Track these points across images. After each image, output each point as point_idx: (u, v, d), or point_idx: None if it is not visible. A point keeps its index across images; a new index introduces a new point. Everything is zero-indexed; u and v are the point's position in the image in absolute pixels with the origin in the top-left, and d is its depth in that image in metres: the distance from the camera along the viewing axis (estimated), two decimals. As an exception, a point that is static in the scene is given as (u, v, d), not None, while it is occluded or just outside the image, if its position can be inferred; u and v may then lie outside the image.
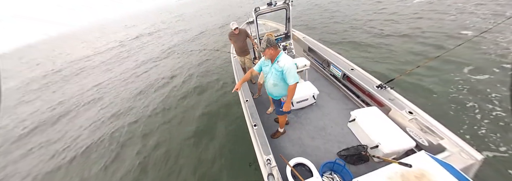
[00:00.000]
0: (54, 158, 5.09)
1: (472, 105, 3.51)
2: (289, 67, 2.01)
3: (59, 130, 6.41)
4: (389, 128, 2.29)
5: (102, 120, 6.12)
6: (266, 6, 3.53)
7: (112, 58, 13.93)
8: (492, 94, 3.61)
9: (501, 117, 3.19)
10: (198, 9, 32.84)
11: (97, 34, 36.80)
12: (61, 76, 13.29)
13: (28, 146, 5.97)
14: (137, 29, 26.20)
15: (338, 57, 3.52)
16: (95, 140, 5.25)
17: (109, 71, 11.16)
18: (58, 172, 4.54)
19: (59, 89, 10.61)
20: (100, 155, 4.63)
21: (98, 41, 25.91)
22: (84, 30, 57.17)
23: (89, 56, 17.02)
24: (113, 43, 20.15)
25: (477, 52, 4.82)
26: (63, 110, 7.75)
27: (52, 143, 5.79)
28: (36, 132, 6.75)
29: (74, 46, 29.70)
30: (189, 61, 8.85)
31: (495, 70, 4.12)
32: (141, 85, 7.80)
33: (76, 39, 40.34)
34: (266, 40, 1.98)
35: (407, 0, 9.79)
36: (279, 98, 2.44)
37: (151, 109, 5.82)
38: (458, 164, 1.68)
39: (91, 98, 8.02)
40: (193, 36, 13.66)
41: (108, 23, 55.44)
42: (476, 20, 6.29)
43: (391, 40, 6.36)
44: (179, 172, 3.50)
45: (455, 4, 7.94)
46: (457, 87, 3.94)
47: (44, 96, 10.17)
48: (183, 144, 4.12)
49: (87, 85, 9.80)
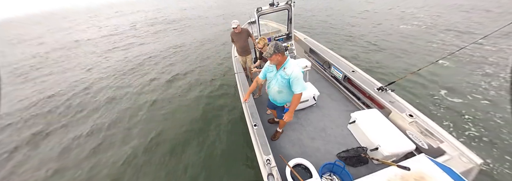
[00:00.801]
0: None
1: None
2: (296, 76, 1.93)
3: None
4: (389, 131, 2.30)
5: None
6: (268, 6, 3.54)
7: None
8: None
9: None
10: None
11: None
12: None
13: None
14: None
15: (339, 59, 3.52)
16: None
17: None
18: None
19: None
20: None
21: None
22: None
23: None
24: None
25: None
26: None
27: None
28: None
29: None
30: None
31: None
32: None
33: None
34: (273, 46, 1.89)
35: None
36: (283, 104, 2.41)
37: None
38: (458, 168, 1.69)
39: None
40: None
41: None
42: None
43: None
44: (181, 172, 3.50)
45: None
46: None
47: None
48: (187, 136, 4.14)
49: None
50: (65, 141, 4.55)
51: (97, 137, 4.52)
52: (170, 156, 3.73)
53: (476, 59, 5.37)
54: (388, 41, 7.26)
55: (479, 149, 3.04)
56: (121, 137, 4.42)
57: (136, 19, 21.04)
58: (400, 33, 7.83)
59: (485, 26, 7.27)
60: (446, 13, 9.45)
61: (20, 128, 5.34)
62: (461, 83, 4.52)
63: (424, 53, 6.02)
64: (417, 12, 10.22)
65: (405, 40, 7.13)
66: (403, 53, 6.20)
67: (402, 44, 6.81)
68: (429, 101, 4.12)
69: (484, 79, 4.55)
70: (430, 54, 5.93)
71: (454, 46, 6.18)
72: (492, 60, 5.23)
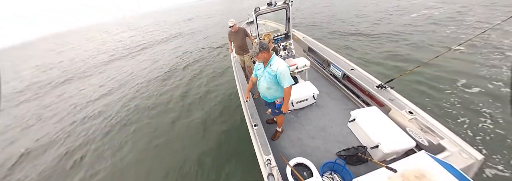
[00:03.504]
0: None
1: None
2: (282, 71, 2.01)
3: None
4: (389, 128, 2.29)
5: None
6: (266, 6, 3.53)
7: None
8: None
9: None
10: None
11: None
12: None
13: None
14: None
15: (338, 57, 3.51)
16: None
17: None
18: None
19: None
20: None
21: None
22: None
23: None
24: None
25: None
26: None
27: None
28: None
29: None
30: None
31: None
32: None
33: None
34: (258, 44, 1.97)
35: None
36: (273, 100, 2.44)
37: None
38: (459, 164, 1.68)
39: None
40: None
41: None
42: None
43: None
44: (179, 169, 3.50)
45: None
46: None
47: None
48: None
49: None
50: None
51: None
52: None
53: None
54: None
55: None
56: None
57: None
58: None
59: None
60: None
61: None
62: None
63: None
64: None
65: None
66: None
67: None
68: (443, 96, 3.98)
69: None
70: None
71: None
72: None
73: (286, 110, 2.38)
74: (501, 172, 2.58)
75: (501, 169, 2.60)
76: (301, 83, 3.37)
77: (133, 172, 3.72)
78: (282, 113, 2.53)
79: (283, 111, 2.40)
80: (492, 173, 2.57)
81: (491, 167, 2.62)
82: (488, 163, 2.66)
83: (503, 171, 2.57)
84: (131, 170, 3.78)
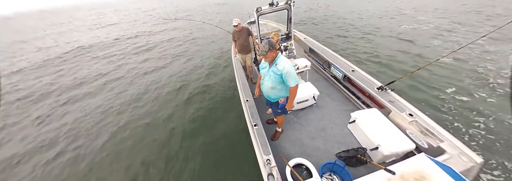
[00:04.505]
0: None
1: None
2: (288, 70, 2.01)
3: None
4: (389, 130, 2.30)
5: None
6: (268, 6, 3.53)
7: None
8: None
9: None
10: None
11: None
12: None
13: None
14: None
15: (338, 58, 3.52)
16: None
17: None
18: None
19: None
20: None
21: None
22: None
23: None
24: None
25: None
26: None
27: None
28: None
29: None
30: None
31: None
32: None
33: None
34: (267, 43, 1.96)
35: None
36: (276, 100, 2.43)
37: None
38: (458, 167, 1.69)
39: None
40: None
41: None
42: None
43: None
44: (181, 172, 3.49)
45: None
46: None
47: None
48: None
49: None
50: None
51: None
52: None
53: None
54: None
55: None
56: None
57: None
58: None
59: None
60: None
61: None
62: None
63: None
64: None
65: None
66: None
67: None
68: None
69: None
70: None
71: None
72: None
73: (291, 108, 2.39)
74: (496, 177, 2.59)
75: (496, 174, 2.62)
76: (302, 84, 3.37)
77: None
78: (284, 113, 2.53)
79: (287, 109, 2.41)
80: (488, 178, 2.59)
81: (485, 173, 2.64)
82: (483, 168, 2.67)
83: (499, 176, 2.59)
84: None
